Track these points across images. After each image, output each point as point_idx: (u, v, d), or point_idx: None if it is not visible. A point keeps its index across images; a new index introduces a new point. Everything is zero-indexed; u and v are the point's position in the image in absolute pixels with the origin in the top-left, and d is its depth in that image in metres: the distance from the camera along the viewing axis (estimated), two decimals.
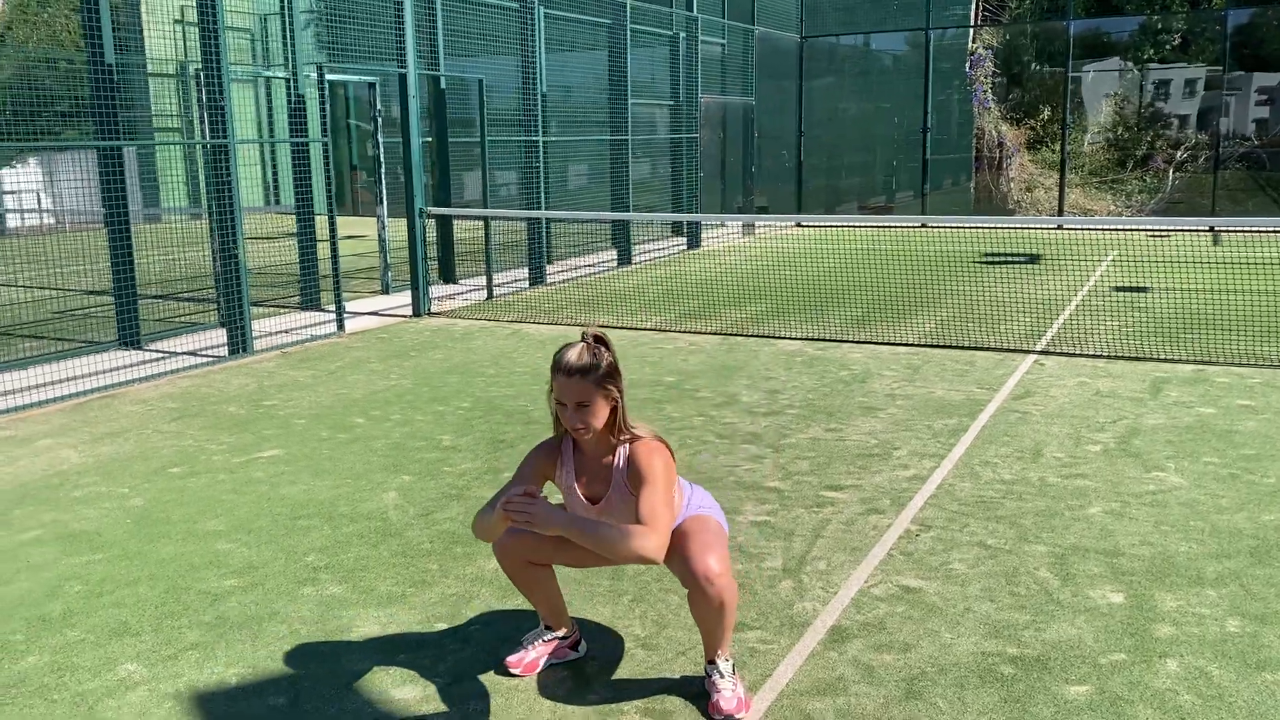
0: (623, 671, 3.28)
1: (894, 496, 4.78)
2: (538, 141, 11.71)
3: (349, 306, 10.43)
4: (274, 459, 5.54)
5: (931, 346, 8.10)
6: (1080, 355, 7.65)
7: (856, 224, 18.09)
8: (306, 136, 9.31)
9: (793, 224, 18.27)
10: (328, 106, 9.35)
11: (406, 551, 4.26)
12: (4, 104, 17.25)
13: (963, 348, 8.02)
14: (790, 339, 8.51)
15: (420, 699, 3.15)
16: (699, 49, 15.54)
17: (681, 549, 2.96)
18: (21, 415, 6.56)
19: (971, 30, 19.90)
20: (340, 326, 9.11)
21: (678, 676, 3.24)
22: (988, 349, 7.95)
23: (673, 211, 15.69)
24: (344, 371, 7.62)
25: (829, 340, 8.42)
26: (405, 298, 10.75)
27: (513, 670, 3.26)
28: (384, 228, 11.30)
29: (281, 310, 10.22)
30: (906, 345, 8.18)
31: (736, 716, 2.98)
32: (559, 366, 2.88)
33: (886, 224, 16.71)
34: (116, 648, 3.49)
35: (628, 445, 2.97)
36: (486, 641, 3.49)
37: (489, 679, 3.25)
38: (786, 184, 19.78)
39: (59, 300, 10.91)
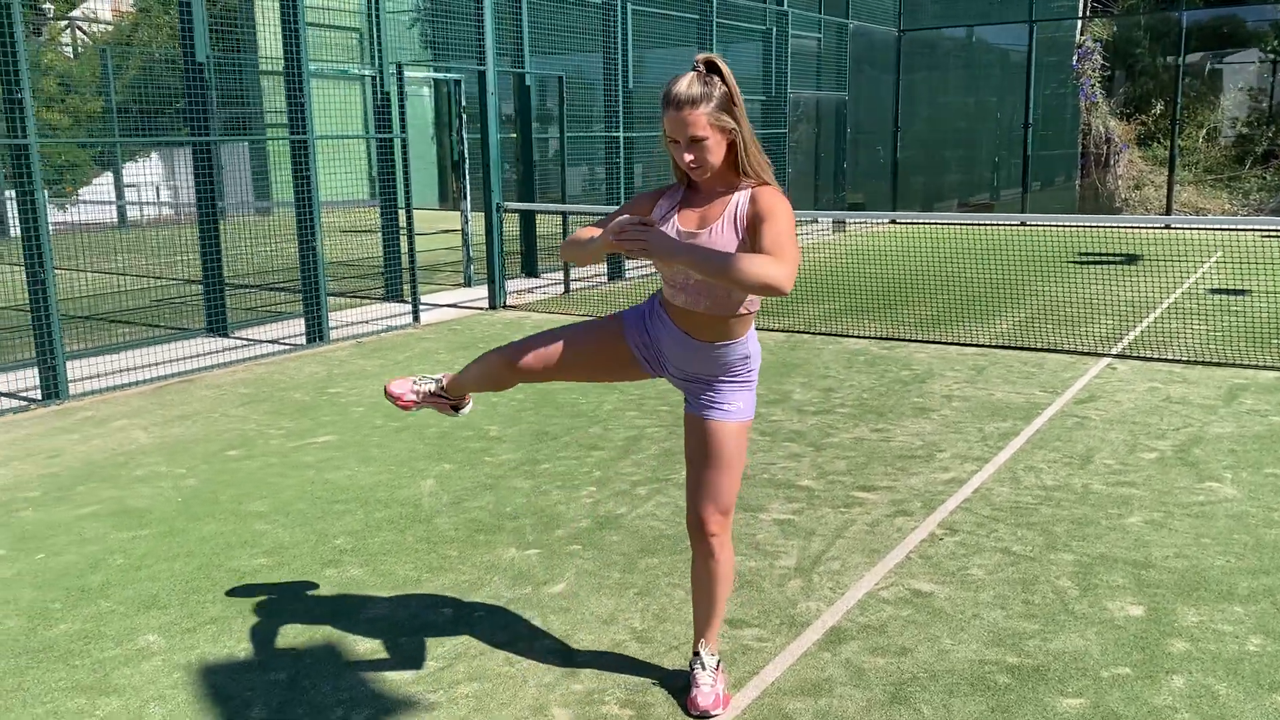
0: (612, 663, 3.31)
1: (926, 499, 4.69)
2: (618, 138, 11.78)
3: (431, 299, 10.69)
4: (326, 444, 5.72)
5: (1002, 347, 7.89)
6: (1157, 360, 7.35)
7: (952, 222, 17.68)
8: (391, 133, 9.56)
9: (886, 221, 17.97)
10: (406, 103, 9.58)
11: (431, 537, 4.36)
12: (130, 102, 18.15)
13: (1034, 349, 7.79)
14: (857, 337, 8.40)
15: (411, 681, 3.23)
16: (789, 43, 15.40)
17: (691, 472, 2.90)
18: (105, 397, 6.91)
19: (1079, 22, 19.24)
20: (415, 318, 9.35)
21: (667, 669, 3.26)
22: (1061, 351, 7.71)
23: None
24: (411, 362, 7.82)
25: (896, 339, 8.28)
26: (485, 290, 10.95)
27: (388, 390, 3.22)
28: (467, 222, 11.53)
29: (365, 301, 10.54)
30: (976, 345, 7.99)
31: (712, 713, 2.98)
32: (667, 98, 2.61)
33: (982, 222, 16.28)
34: (142, 619, 3.67)
35: (751, 188, 2.71)
36: (487, 628, 3.56)
37: (481, 664, 3.32)
38: (883, 180, 19.46)
39: (161, 289, 11.45)
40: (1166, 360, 7.33)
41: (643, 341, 2.97)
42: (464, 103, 11.31)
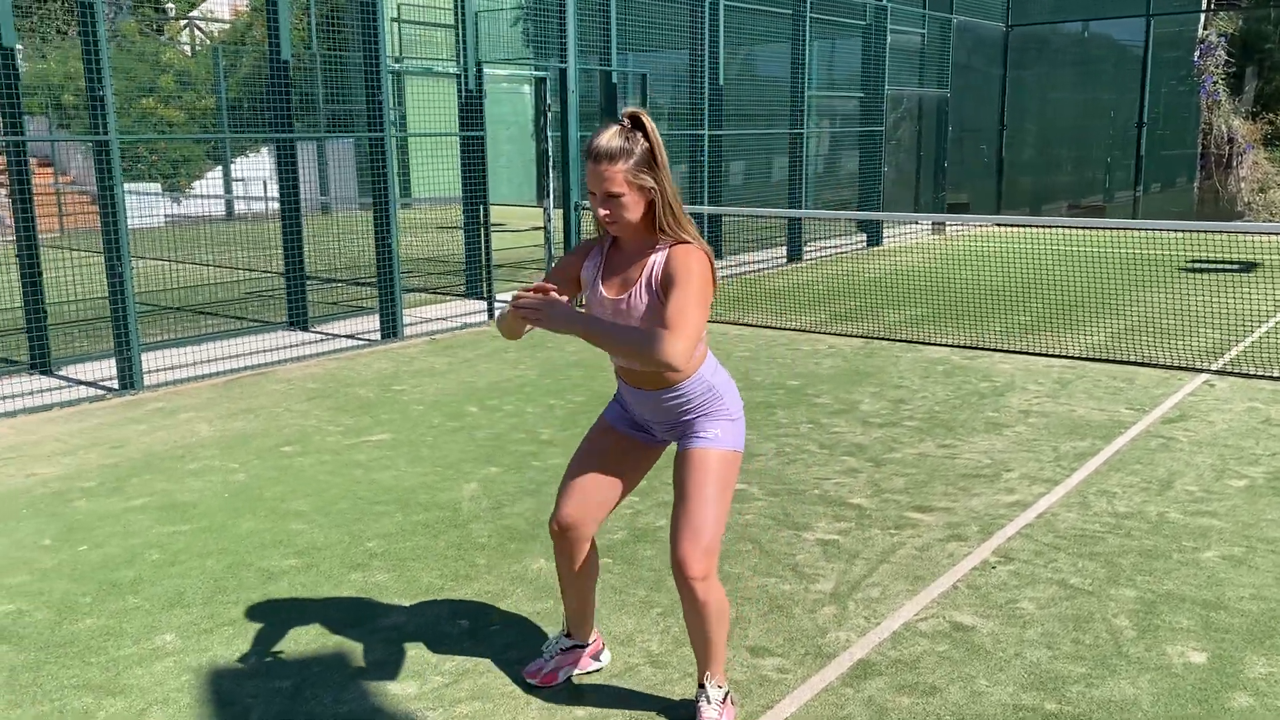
0: (621, 688, 3.17)
1: (984, 523, 4.42)
2: (703, 135, 11.61)
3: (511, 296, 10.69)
4: (380, 443, 5.71)
5: (1091, 360, 7.48)
6: (1260, 377, 6.87)
7: (1058, 225, 16.96)
8: (474, 131, 9.57)
9: (990, 223, 17.36)
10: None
11: (462, 544, 4.28)
12: (240, 99, 18.67)
13: (1126, 363, 7.36)
14: (938, 345, 8.07)
15: (413, 696, 3.15)
16: (888, 39, 14.98)
17: (674, 512, 2.76)
18: (179, 389, 7.05)
19: (1202, 16, 18.27)
20: (490, 315, 9.34)
21: (676, 699, 3.10)
22: (1155, 365, 7.26)
23: (858, 208, 15.21)
24: (479, 360, 7.80)
25: (980, 349, 7.93)
26: None
27: (530, 680, 3.18)
28: (549, 220, 11.50)
29: (445, 298, 10.59)
30: (1064, 357, 7.59)
31: None
32: (587, 150, 2.61)
33: (1088, 226, 15.58)
34: (164, 618, 3.67)
35: (669, 248, 2.68)
36: (500, 644, 3.45)
37: (487, 681, 3.21)
38: (989, 180, 18.82)
39: (254, 281, 11.72)
40: (1272, 378, 6.84)
41: (624, 417, 2.99)
42: (548, 100, 11.27)
